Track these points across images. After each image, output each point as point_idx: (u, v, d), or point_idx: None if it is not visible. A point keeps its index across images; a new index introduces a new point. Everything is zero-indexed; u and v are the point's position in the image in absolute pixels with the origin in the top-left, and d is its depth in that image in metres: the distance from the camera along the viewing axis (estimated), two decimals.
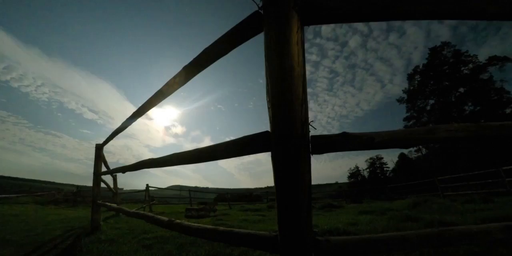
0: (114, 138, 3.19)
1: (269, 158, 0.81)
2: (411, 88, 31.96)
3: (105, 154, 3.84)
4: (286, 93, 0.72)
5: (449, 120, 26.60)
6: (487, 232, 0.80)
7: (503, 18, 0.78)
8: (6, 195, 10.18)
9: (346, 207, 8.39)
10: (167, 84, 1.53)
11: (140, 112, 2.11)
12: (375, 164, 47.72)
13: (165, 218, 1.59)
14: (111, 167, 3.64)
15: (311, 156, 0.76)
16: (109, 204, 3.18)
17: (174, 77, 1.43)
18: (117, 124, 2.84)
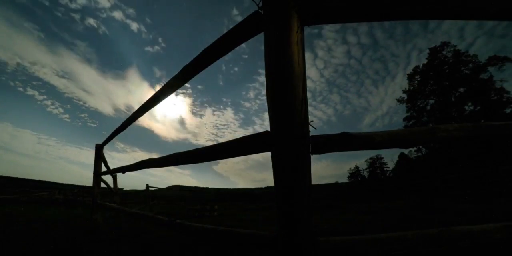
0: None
1: (269, 158, 0.81)
2: (411, 88, 31.92)
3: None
4: (286, 93, 0.72)
5: (449, 120, 26.56)
6: (487, 232, 0.80)
7: (503, 18, 0.79)
8: (6, 196, 10.18)
9: (346, 207, 8.39)
10: (167, 84, 1.52)
11: (140, 112, 2.11)
12: (375, 164, 47.64)
13: (165, 218, 1.59)
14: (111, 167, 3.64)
15: (311, 156, 0.76)
16: (109, 204, 3.18)
17: (174, 77, 1.43)
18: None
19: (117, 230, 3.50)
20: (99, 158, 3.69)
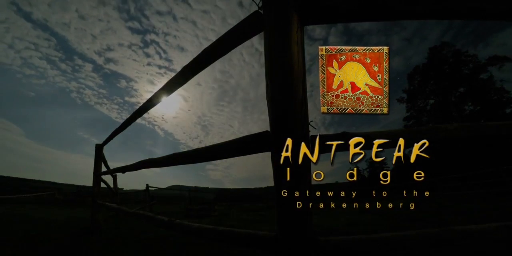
0: None
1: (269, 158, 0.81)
2: (411, 88, 31.89)
3: None
4: (286, 93, 0.72)
5: (449, 120, 26.53)
6: (487, 232, 0.80)
7: (503, 18, 0.78)
8: (6, 196, 10.17)
9: (346, 207, 8.38)
10: (166, 84, 1.52)
11: (140, 112, 2.11)
12: (375, 164, 47.64)
13: (165, 218, 1.59)
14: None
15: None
16: (109, 204, 3.18)
17: (174, 77, 1.43)
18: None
19: (117, 230, 3.50)
20: (99, 158, 3.69)
